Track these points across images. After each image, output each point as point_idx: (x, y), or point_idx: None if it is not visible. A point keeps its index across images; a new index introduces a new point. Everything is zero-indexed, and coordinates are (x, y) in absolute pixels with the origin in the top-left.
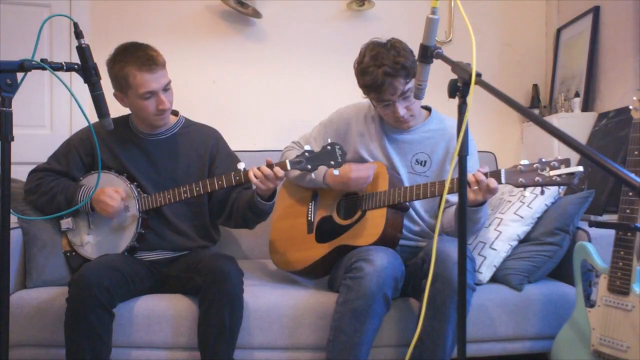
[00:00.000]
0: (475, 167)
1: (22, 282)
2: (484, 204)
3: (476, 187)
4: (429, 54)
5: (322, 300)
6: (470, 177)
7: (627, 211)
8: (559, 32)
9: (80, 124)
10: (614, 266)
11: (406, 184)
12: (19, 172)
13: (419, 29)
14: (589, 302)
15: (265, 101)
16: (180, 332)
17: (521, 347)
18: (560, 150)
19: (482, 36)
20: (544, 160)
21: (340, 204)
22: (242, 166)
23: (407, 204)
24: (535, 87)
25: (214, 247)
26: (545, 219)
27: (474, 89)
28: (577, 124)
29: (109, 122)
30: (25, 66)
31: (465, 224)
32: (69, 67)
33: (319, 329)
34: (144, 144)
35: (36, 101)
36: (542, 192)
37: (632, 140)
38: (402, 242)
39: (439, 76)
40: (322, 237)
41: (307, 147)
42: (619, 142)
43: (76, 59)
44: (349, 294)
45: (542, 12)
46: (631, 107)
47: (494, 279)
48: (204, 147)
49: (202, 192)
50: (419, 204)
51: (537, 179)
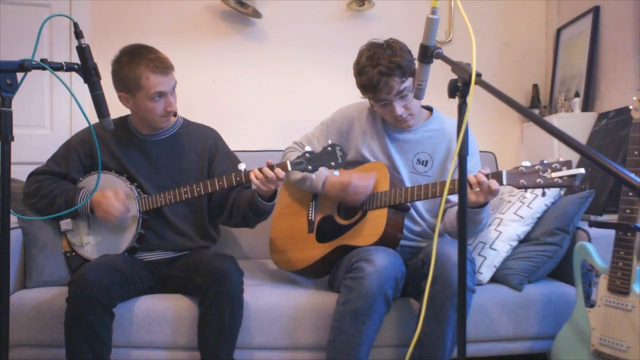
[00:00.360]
0: (477, 167)
1: (22, 282)
2: (485, 205)
3: (478, 189)
4: (429, 54)
5: (322, 300)
6: (471, 178)
7: (627, 211)
8: (559, 32)
9: (80, 124)
10: (614, 266)
11: (407, 183)
12: (19, 172)
13: (419, 29)
14: (589, 302)
15: (265, 101)
16: (180, 332)
17: (521, 347)
18: (560, 150)
19: (482, 36)
20: (545, 162)
21: (341, 204)
22: (242, 167)
23: (408, 204)
24: (535, 87)
25: (214, 246)
26: (545, 219)
27: (474, 89)
28: (577, 124)
29: (109, 122)
30: (25, 66)
31: (465, 225)
32: (69, 67)
33: (319, 329)
34: (143, 144)
35: (36, 101)
36: (543, 194)
37: (632, 140)
38: (403, 242)
39: (439, 76)
40: (323, 236)
41: (307, 148)
42: (619, 142)
43: (76, 59)
44: (350, 294)
45: (542, 12)
46: (631, 107)
47: (494, 279)
48: (203, 147)
49: (203, 193)
50: (420, 204)
51: (538, 180)
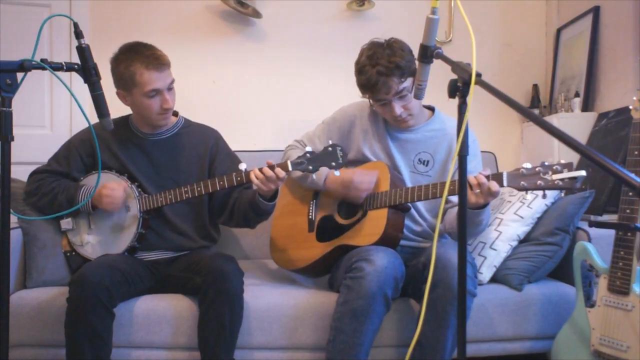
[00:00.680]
0: (478, 168)
1: (22, 282)
2: (485, 206)
3: (478, 190)
4: (429, 54)
5: (322, 300)
6: (471, 180)
7: (627, 211)
8: (559, 32)
9: (80, 124)
10: (614, 266)
11: (408, 183)
12: (19, 172)
13: (419, 29)
14: (589, 302)
15: (265, 101)
16: (180, 332)
17: (521, 347)
18: (560, 150)
19: (482, 36)
20: (546, 163)
21: (341, 203)
22: (243, 167)
23: (408, 204)
24: (535, 87)
25: (214, 246)
26: (545, 219)
27: (474, 89)
28: (577, 124)
29: (109, 122)
30: (25, 66)
31: (465, 226)
32: (69, 67)
33: (319, 329)
34: (144, 144)
35: (36, 101)
36: (544, 196)
37: (632, 140)
38: (403, 242)
39: (439, 76)
40: (323, 236)
41: (308, 148)
42: (619, 142)
43: (76, 59)
44: (349, 293)
45: (542, 12)
46: (631, 107)
47: (494, 279)
48: (204, 147)
49: (204, 192)
50: (421, 204)
51: (539, 182)
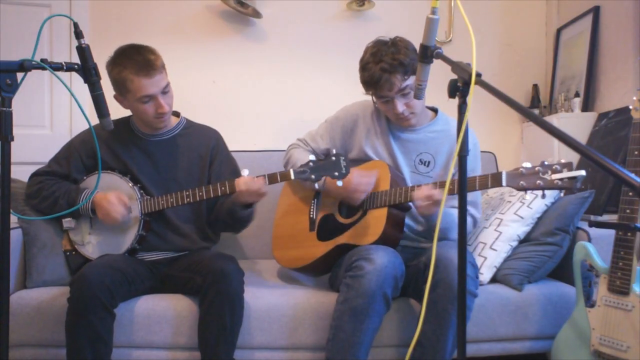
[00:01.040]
0: (476, 171)
1: (22, 282)
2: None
3: (428, 202)
4: (429, 54)
5: (322, 300)
6: (419, 194)
7: (627, 211)
8: (559, 32)
9: (80, 124)
10: (614, 266)
11: (409, 183)
12: (19, 172)
13: (419, 29)
14: (589, 302)
15: (265, 101)
16: (180, 332)
17: (521, 347)
18: (560, 150)
19: (482, 36)
20: (546, 163)
21: (342, 202)
22: (246, 172)
23: (409, 203)
24: (535, 87)
25: (214, 247)
26: (545, 219)
27: (474, 89)
28: (577, 124)
29: (109, 122)
30: (25, 66)
31: (465, 227)
32: (69, 67)
33: (319, 329)
34: (145, 144)
35: (36, 101)
36: (543, 196)
37: (632, 140)
38: (404, 242)
39: (439, 76)
40: (324, 235)
41: (311, 157)
42: (619, 142)
43: (76, 59)
44: (349, 292)
45: (542, 12)
46: (631, 107)
47: (494, 279)
48: (205, 148)
49: (205, 198)
50: None
51: (538, 182)
